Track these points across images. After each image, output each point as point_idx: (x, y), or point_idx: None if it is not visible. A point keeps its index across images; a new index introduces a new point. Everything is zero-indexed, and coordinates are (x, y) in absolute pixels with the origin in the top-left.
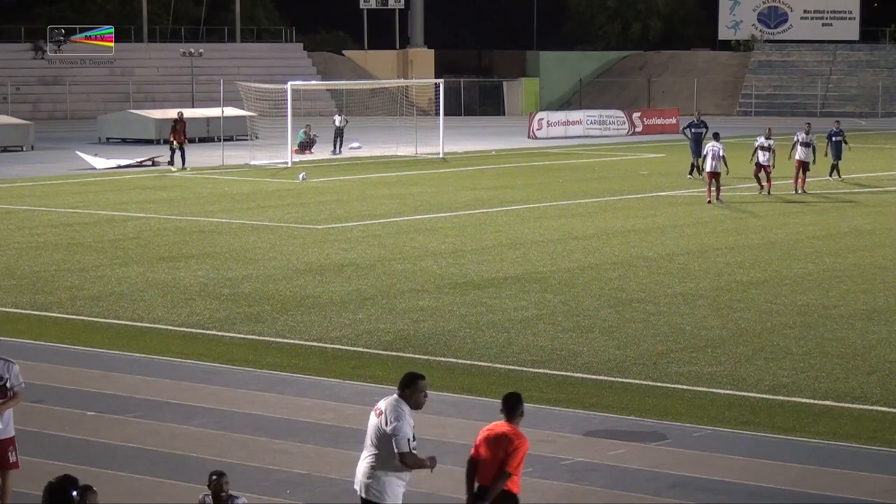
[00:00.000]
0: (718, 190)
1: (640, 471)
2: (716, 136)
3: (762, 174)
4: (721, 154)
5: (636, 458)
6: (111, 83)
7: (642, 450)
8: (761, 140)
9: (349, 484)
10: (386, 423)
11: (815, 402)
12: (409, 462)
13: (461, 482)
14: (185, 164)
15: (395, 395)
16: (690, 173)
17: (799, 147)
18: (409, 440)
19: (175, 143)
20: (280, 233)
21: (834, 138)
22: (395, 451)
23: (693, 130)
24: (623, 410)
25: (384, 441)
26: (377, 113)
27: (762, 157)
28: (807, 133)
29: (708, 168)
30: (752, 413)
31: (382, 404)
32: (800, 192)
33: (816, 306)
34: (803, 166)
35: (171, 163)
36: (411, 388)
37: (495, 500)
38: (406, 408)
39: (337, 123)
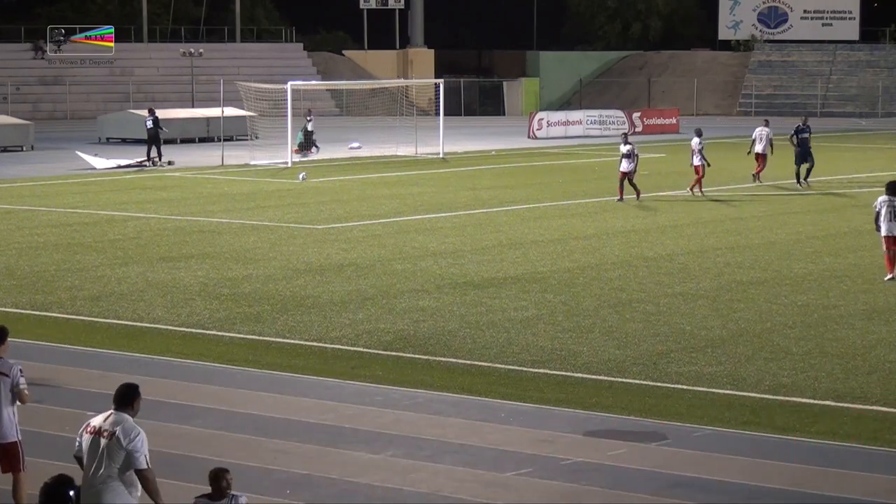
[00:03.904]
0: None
1: (640, 471)
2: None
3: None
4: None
5: (636, 458)
6: (111, 83)
7: (642, 450)
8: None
9: (349, 484)
10: (127, 441)
11: (815, 402)
12: (150, 477)
13: (461, 482)
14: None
15: (121, 413)
16: (798, 181)
17: (765, 140)
18: (146, 456)
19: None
20: (280, 233)
21: None
22: (136, 468)
23: (800, 136)
24: (623, 410)
25: (118, 459)
26: (377, 113)
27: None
28: (766, 126)
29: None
30: (752, 413)
31: (108, 424)
32: (757, 182)
33: (816, 306)
34: (762, 158)
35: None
36: (138, 401)
37: None
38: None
39: (309, 127)
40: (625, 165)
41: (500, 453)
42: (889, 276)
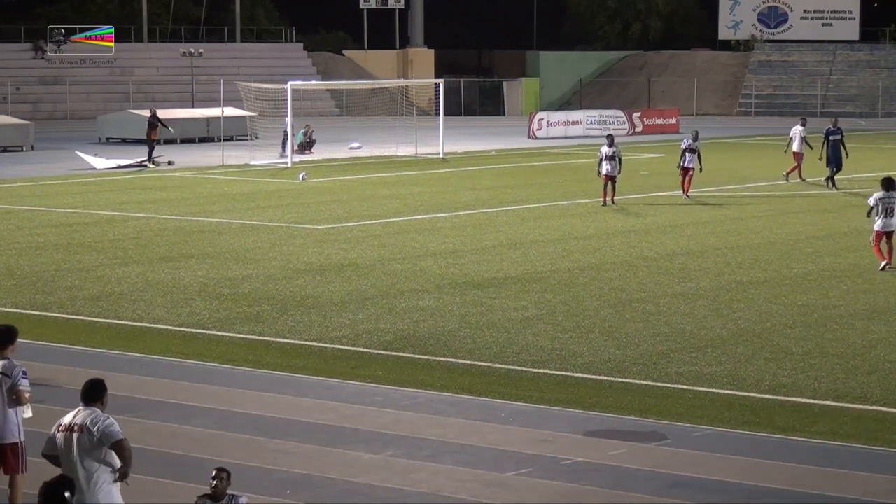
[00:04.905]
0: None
1: (640, 471)
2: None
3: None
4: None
5: (636, 458)
6: (111, 83)
7: (642, 450)
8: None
9: (349, 484)
10: (97, 427)
11: (815, 402)
12: (126, 446)
13: (461, 482)
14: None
15: (90, 407)
16: (828, 185)
17: (798, 139)
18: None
19: (153, 139)
20: (280, 233)
21: None
22: (114, 440)
23: (831, 138)
24: (623, 410)
25: (93, 448)
26: (377, 113)
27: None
28: (803, 125)
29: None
30: (752, 413)
31: (78, 419)
32: (796, 180)
33: (816, 306)
34: (797, 157)
35: (154, 161)
36: (105, 395)
37: None
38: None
39: (287, 127)
40: (608, 168)
41: (500, 453)
42: (882, 263)
